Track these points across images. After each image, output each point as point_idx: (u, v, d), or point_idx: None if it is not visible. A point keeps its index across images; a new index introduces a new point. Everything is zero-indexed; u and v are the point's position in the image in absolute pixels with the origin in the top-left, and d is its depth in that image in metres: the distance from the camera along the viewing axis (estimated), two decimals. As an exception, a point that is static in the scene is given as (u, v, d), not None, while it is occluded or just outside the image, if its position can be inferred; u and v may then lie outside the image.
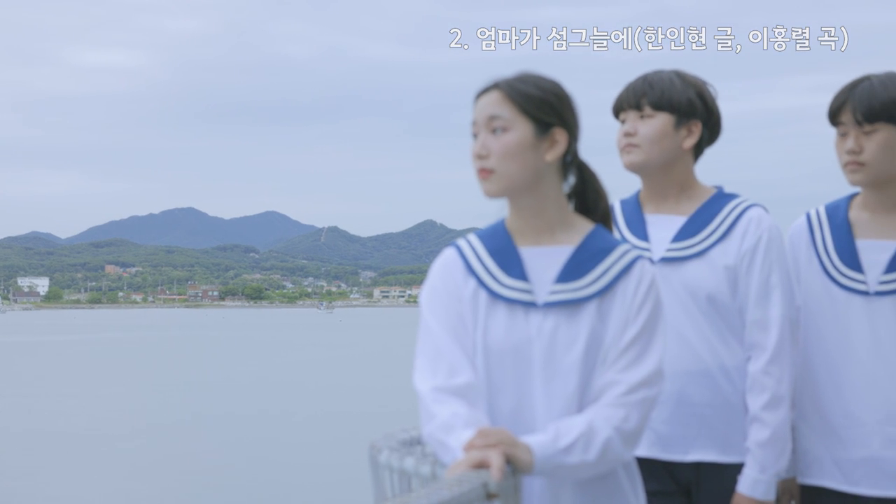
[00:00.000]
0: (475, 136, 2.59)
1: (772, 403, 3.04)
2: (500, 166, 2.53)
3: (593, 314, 2.51)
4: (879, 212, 3.23)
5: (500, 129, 2.54)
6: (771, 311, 3.08)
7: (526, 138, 2.53)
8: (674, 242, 3.16)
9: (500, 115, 2.54)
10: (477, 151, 2.56)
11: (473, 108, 2.61)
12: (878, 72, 3.21)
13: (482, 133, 2.56)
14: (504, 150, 2.53)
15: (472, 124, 2.59)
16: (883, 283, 3.17)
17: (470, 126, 2.62)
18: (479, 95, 2.60)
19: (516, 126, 2.53)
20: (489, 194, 2.57)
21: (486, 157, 2.54)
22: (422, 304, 2.60)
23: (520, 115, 2.54)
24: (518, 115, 2.54)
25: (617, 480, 2.54)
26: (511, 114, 2.54)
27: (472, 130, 2.60)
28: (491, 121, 2.55)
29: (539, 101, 2.54)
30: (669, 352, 3.07)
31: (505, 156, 2.53)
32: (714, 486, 3.11)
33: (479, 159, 2.55)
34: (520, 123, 2.54)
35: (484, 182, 2.56)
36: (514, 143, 2.53)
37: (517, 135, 2.53)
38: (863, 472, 3.16)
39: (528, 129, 2.54)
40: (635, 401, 2.45)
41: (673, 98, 3.16)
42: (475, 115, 2.58)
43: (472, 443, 2.26)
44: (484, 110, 2.56)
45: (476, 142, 2.57)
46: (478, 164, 2.56)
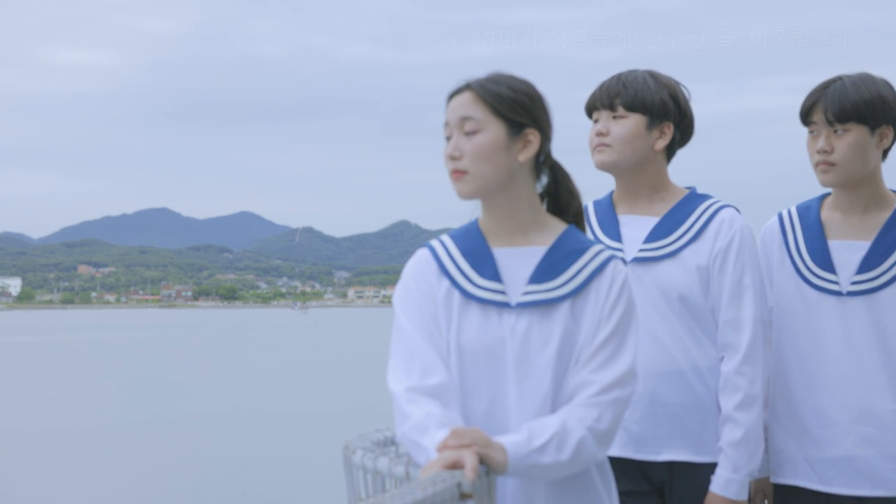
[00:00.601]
0: (448, 138, 2.59)
1: (744, 403, 3.05)
2: (473, 167, 2.53)
3: (566, 314, 2.51)
4: (851, 212, 3.25)
5: (472, 131, 2.54)
6: (743, 312, 3.09)
7: (499, 139, 2.54)
8: (646, 243, 3.17)
9: (472, 116, 2.54)
10: (450, 153, 2.56)
11: (446, 109, 2.61)
12: (850, 72, 3.23)
13: (455, 134, 2.56)
14: (477, 152, 2.53)
15: (445, 125, 2.59)
16: (855, 284, 3.19)
17: (442, 127, 2.62)
18: (451, 96, 2.60)
19: (489, 127, 2.54)
20: (462, 196, 2.57)
21: (459, 158, 2.54)
22: (395, 305, 2.60)
23: (492, 115, 2.54)
24: (490, 116, 2.54)
25: (590, 480, 2.54)
26: (483, 115, 2.54)
27: (445, 132, 2.60)
28: (463, 122, 2.55)
29: (511, 102, 2.55)
30: (642, 352, 3.08)
31: (478, 157, 2.53)
32: (687, 486, 3.12)
33: (452, 160, 2.55)
34: (492, 124, 2.54)
35: (457, 183, 2.56)
36: (486, 144, 2.53)
37: (490, 136, 2.53)
38: (836, 471, 3.18)
39: (501, 129, 2.54)
40: (608, 401, 2.46)
41: (646, 99, 3.16)
42: (447, 116, 2.58)
43: (445, 443, 2.26)
44: (456, 111, 2.56)
45: (449, 143, 2.58)
46: (450, 166, 2.56)
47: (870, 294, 3.17)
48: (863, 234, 3.23)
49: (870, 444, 3.15)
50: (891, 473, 3.14)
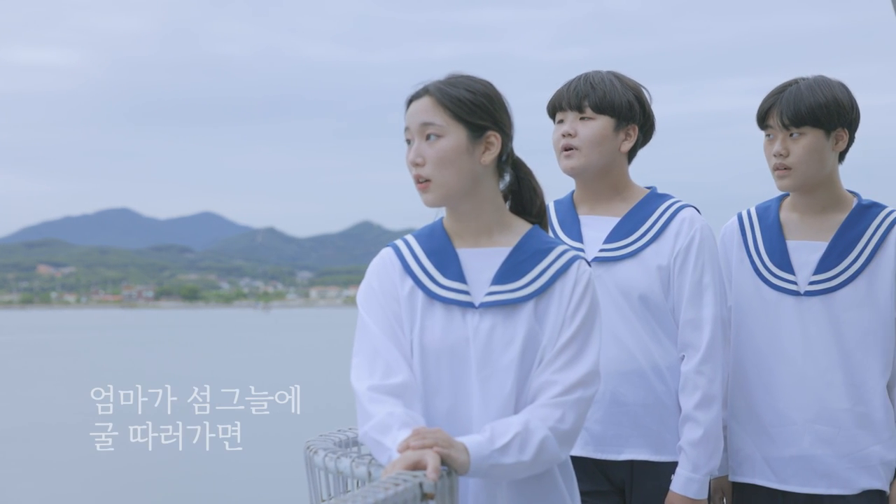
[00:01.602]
0: (409, 142, 2.59)
1: (704, 403, 3.07)
2: (437, 174, 2.53)
3: (530, 315, 2.52)
4: (809, 213, 3.28)
5: (434, 136, 2.54)
6: (703, 312, 3.11)
7: (460, 144, 2.54)
8: (607, 243, 3.18)
9: (433, 121, 2.54)
10: (412, 159, 2.55)
11: (405, 113, 2.60)
12: (807, 75, 3.26)
13: (416, 140, 2.56)
14: (439, 158, 2.53)
15: (405, 130, 2.59)
16: (813, 284, 3.22)
17: (403, 132, 2.62)
18: (410, 101, 2.60)
19: (450, 132, 2.53)
20: (429, 204, 2.57)
21: (422, 164, 2.54)
22: (359, 304, 2.60)
23: (453, 120, 2.54)
24: (451, 121, 2.54)
25: (553, 480, 2.55)
26: (444, 120, 2.54)
27: (406, 136, 2.60)
28: (424, 128, 2.54)
29: (471, 106, 2.54)
30: (603, 352, 3.09)
31: (440, 163, 2.53)
32: (647, 485, 3.13)
33: (415, 167, 2.55)
34: (453, 129, 2.54)
35: (423, 193, 2.56)
36: (449, 150, 2.53)
37: (451, 141, 2.53)
38: (793, 470, 3.21)
39: (462, 134, 2.54)
40: (571, 401, 2.46)
41: (614, 101, 3.17)
42: (408, 121, 2.58)
43: (407, 443, 2.27)
44: (416, 117, 2.56)
45: (410, 149, 2.57)
46: (413, 172, 2.56)
47: (827, 294, 3.21)
48: (820, 234, 3.26)
49: (826, 443, 3.18)
50: (846, 472, 3.17)
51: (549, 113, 3.26)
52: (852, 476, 3.17)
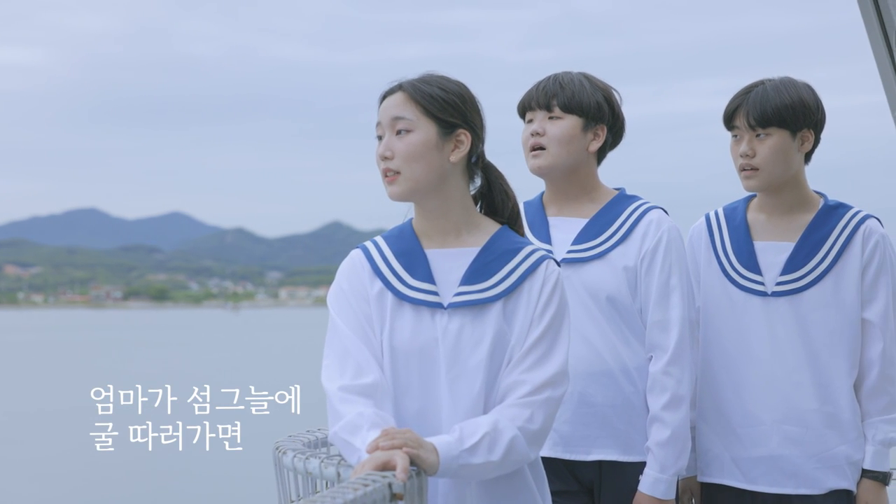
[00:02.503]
0: (380, 138, 2.60)
1: (672, 404, 3.08)
2: (405, 168, 2.54)
3: (499, 315, 2.53)
4: (776, 214, 3.30)
5: (404, 131, 2.55)
6: (671, 313, 3.12)
7: (430, 139, 2.55)
8: (575, 244, 3.19)
9: (403, 116, 2.55)
10: (381, 152, 2.57)
11: (378, 109, 2.62)
12: (773, 76, 3.28)
13: (386, 134, 2.58)
14: (408, 152, 2.54)
15: (377, 126, 2.61)
16: (780, 284, 3.24)
17: (375, 128, 2.63)
18: (383, 97, 2.62)
19: (420, 127, 2.55)
20: (395, 197, 2.58)
21: (391, 158, 2.55)
22: (329, 305, 2.61)
23: (423, 116, 2.55)
24: (422, 117, 2.55)
25: (524, 480, 2.56)
26: (415, 115, 2.55)
27: (377, 132, 2.61)
28: (395, 122, 2.56)
29: (443, 103, 2.56)
30: (571, 352, 3.10)
31: (409, 157, 2.54)
32: (616, 485, 3.14)
33: (384, 160, 2.56)
34: (423, 125, 2.55)
35: (389, 185, 2.57)
36: (418, 144, 2.54)
37: (421, 136, 2.54)
38: (761, 470, 3.22)
39: (432, 130, 2.55)
40: (540, 401, 2.47)
41: (583, 101, 3.18)
42: (380, 116, 2.60)
43: (376, 444, 2.27)
44: (388, 112, 2.57)
45: (380, 143, 2.58)
46: (382, 166, 2.57)
47: (794, 294, 3.23)
48: (787, 235, 3.28)
49: (794, 443, 3.20)
50: (814, 472, 3.19)
51: (520, 113, 3.27)
52: (820, 476, 3.19)
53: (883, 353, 3.22)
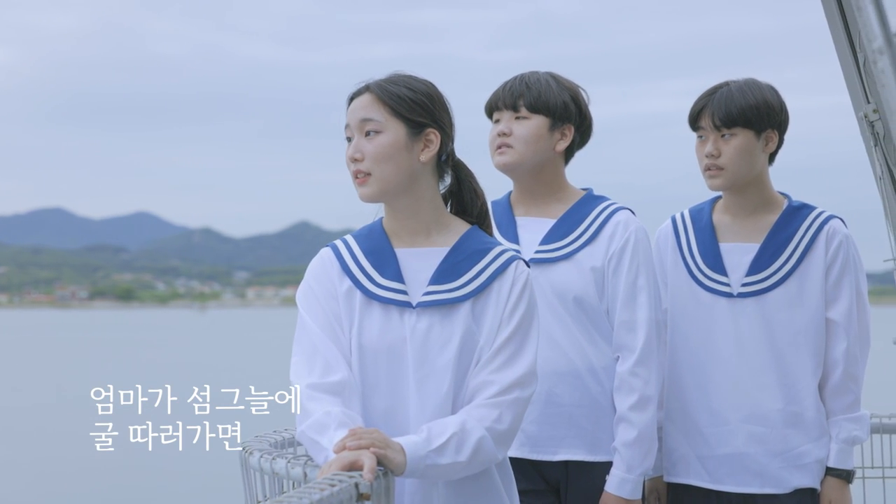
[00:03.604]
0: (349, 140, 2.60)
1: (639, 404, 3.10)
2: (375, 169, 2.54)
3: (467, 315, 2.53)
4: (741, 215, 3.33)
5: (373, 132, 2.55)
6: (638, 313, 3.13)
7: (399, 140, 2.55)
8: (542, 244, 3.20)
9: (372, 117, 2.55)
10: (351, 154, 2.57)
11: (346, 111, 2.61)
12: (737, 78, 3.31)
13: (356, 136, 2.58)
14: (377, 153, 2.54)
15: (346, 127, 2.61)
16: (745, 285, 3.27)
17: (344, 129, 2.62)
18: (351, 98, 2.62)
19: (389, 128, 2.55)
20: (366, 199, 2.58)
21: (361, 160, 2.55)
22: (299, 303, 2.60)
23: (392, 117, 2.55)
24: (390, 118, 2.55)
25: (491, 480, 2.56)
26: (383, 116, 2.55)
27: (346, 134, 2.61)
28: (364, 124, 2.56)
29: (411, 103, 2.56)
30: (538, 353, 3.11)
31: (378, 158, 2.54)
32: (582, 485, 3.15)
33: (354, 162, 2.56)
34: (392, 125, 2.55)
35: (360, 187, 2.57)
36: (387, 145, 2.54)
37: (390, 137, 2.54)
38: (727, 469, 3.24)
39: (401, 130, 2.55)
40: (508, 401, 2.47)
41: (549, 101, 3.19)
42: (348, 118, 2.60)
43: (343, 443, 2.26)
44: (356, 113, 2.57)
45: (350, 145, 2.58)
46: (352, 168, 2.58)
47: (760, 295, 3.25)
48: (752, 236, 3.30)
49: (759, 442, 3.22)
50: (778, 471, 3.22)
51: (487, 113, 3.28)
52: (785, 475, 3.22)
53: (847, 352, 3.25)
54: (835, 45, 2.73)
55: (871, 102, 2.68)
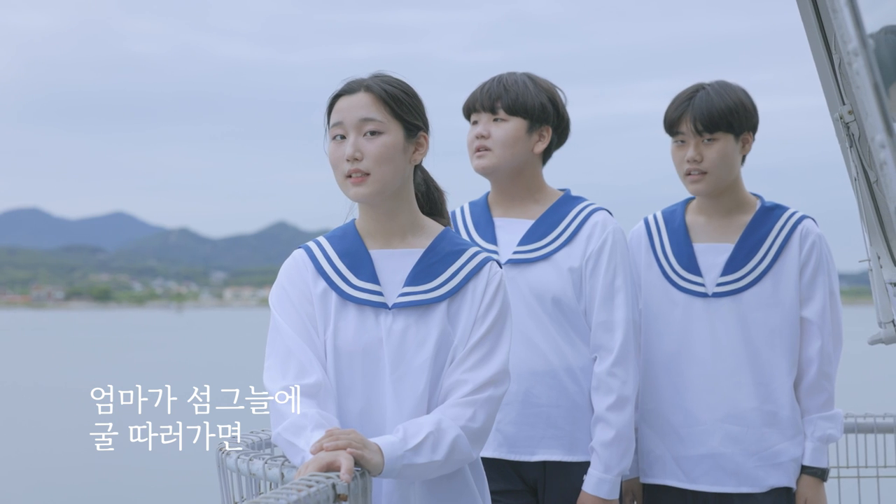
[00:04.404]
0: (338, 138, 2.57)
1: (617, 404, 3.11)
2: (375, 169, 2.53)
3: (443, 316, 2.53)
4: (715, 216, 3.34)
5: (375, 132, 2.54)
6: (616, 314, 3.14)
7: (399, 142, 2.55)
8: (521, 245, 3.20)
9: (374, 117, 2.53)
10: (350, 154, 2.53)
11: (333, 109, 2.59)
12: (707, 81, 3.32)
13: (353, 135, 2.54)
14: (380, 153, 2.53)
15: (335, 125, 2.57)
16: (720, 286, 3.28)
17: (328, 127, 2.59)
18: (340, 96, 2.59)
19: (391, 129, 2.55)
20: (360, 198, 2.56)
21: (360, 159, 2.53)
22: (272, 305, 2.59)
23: (393, 118, 2.55)
24: (391, 119, 2.55)
25: (465, 480, 2.57)
26: (385, 117, 2.54)
27: (334, 131, 2.58)
28: (364, 123, 2.54)
29: (409, 105, 2.57)
30: (516, 353, 3.11)
31: (380, 159, 2.53)
32: (560, 485, 3.16)
33: (353, 162, 2.53)
34: (393, 127, 2.55)
35: (357, 186, 2.54)
36: (389, 146, 2.54)
37: (392, 138, 2.54)
38: (703, 469, 3.26)
39: (400, 132, 2.56)
40: (482, 399, 2.48)
41: (527, 103, 3.19)
42: (341, 116, 2.56)
43: (320, 444, 2.26)
44: (355, 112, 2.55)
45: (344, 143, 2.55)
46: (348, 167, 2.54)
47: (735, 295, 3.27)
48: (726, 236, 3.32)
49: (735, 441, 3.24)
50: (754, 470, 3.23)
51: (465, 114, 3.28)
52: (761, 474, 3.23)
53: (821, 351, 3.27)
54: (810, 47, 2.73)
55: (847, 104, 2.69)
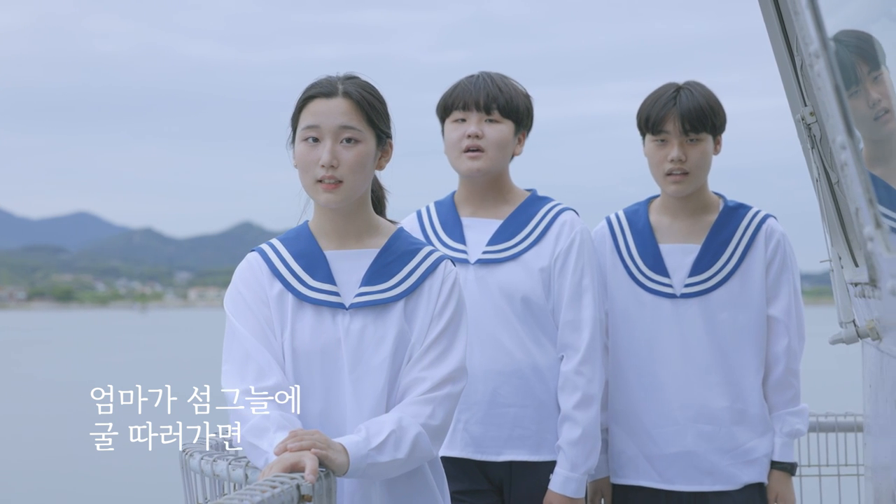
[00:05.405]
0: (311, 140, 2.54)
1: (583, 403, 3.11)
2: (349, 178, 2.53)
3: (400, 315, 2.54)
4: (680, 217, 3.35)
5: (352, 140, 2.53)
6: (583, 313, 3.15)
7: (371, 150, 2.57)
8: (490, 245, 3.20)
9: (353, 125, 2.53)
10: (328, 161, 2.51)
11: (306, 110, 2.55)
12: (679, 81, 3.33)
13: (329, 141, 2.52)
14: (356, 162, 2.52)
15: (309, 128, 2.54)
16: (688, 286, 3.30)
17: (299, 128, 2.56)
18: (315, 97, 2.55)
19: (367, 138, 2.55)
20: (331, 204, 2.55)
21: (337, 167, 2.52)
22: (227, 309, 2.58)
23: (368, 126, 2.55)
24: (367, 127, 2.55)
25: (425, 478, 2.58)
26: (362, 125, 2.54)
27: (308, 134, 2.54)
28: (343, 130, 2.52)
29: (382, 114, 2.58)
30: (483, 353, 3.12)
31: (356, 168, 2.52)
32: (526, 484, 3.16)
33: (328, 168, 2.51)
34: (368, 135, 2.55)
35: (329, 193, 2.52)
36: (365, 155, 2.54)
37: (368, 147, 2.55)
38: (677, 469, 3.27)
39: (373, 140, 2.57)
40: (441, 397, 2.50)
41: (518, 106, 3.18)
42: (318, 120, 2.53)
43: (284, 445, 2.26)
44: (334, 119, 2.52)
45: (318, 148, 2.53)
46: (322, 173, 2.52)
47: (702, 295, 3.28)
48: (692, 237, 3.33)
49: (707, 440, 3.26)
50: (728, 468, 3.25)
51: (445, 111, 3.21)
52: (734, 472, 3.26)
53: (788, 348, 3.30)
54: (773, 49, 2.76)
55: (808, 105, 2.72)
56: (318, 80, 2.58)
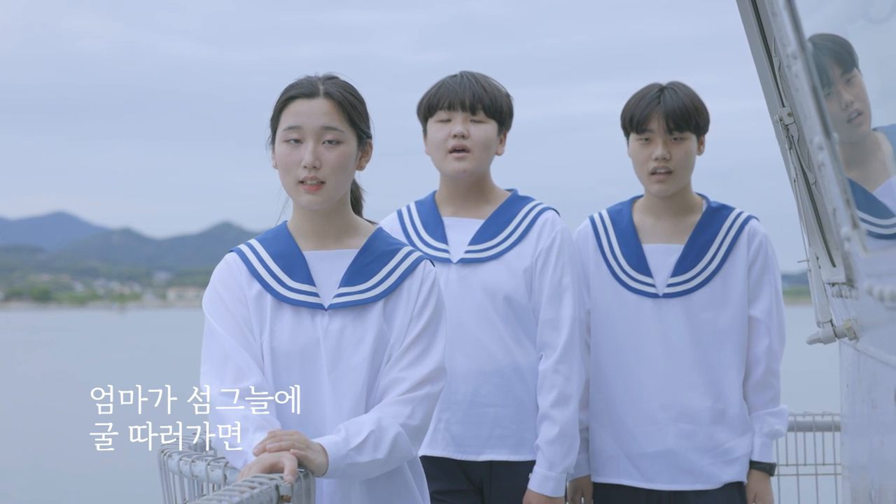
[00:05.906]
0: (292, 141, 2.53)
1: (560, 401, 3.12)
2: (332, 179, 2.52)
3: (379, 315, 2.55)
4: (664, 217, 3.36)
5: (334, 141, 2.52)
6: (563, 312, 3.16)
7: (353, 151, 2.57)
8: (472, 244, 3.20)
9: (335, 126, 2.52)
10: (311, 162, 2.51)
11: (287, 110, 2.54)
12: (663, 81, 3.34)
13: (311, 143, 2.52)
14: (339, 164, 2.52)
15: (291, 128, 2.53)
16: (671, 286, 3.31)
17: (280, 128, 2.55)
18: (296, 98, 2.54)
19: (349, 139, 2.55)
20: (314, 205, 2.54)
21: (319, 168, 2.51)
22: (206, 310, 2.57)
23: (350, 127, 2.55)
24: (349, 128, 2.55)
25: (404, 478, 2.58)
26: (344, 126, 2.54)
27: (290, 135, 2.53)
28: (325, 132, 2.52)
29: (363, 115, 2.58)
30: (464, 352, 3.12)
31: (338, 169, 2.52)
32: (506, 484, 3.16)
33: (311, 169, 2.51)
34: (350, 136, 2.55)
35: (311, 194, 2.52)
36: (348, 157, 2.54)
37: (350, 148, 2.55)
38: (658, 468, 3.28)
39: (355, 141, 2.56)
40: (420, 397, 2.50)
41: (502, 106, 3.19)
42: (300, 121, 2.52)
43: (263, 446, 2.25)
44: (316, 119, 2.52)
45: (300, 149, 2.52)
46: (304, 174, 2.51)
47: (685, 295, 3.29)
48: (675, 237, 3.34)
49: (688, 439, 3.27)
50: (709, 467, 3.27)
51: (428, 110, 3.20)
52: (715, 471, 3.27)
53: (769, 349, 3.32)
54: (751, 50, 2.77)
55: (786, 106, 2.73)
56: (297, 81, 2.58)
